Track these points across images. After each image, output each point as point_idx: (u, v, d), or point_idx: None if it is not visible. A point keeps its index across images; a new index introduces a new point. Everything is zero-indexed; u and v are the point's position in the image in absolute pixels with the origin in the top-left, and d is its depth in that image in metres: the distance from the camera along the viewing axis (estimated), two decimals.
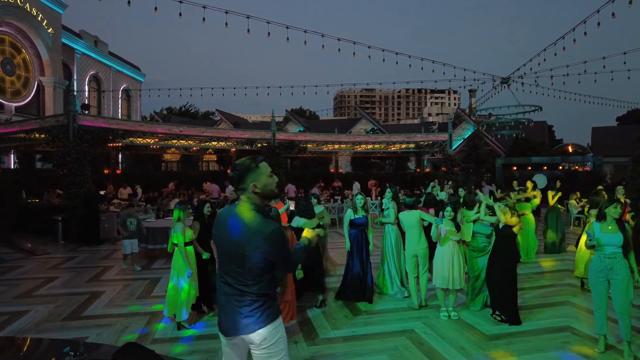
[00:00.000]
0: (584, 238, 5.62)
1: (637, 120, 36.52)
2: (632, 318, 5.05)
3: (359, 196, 6.19)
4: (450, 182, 13.71)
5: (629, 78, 15.30)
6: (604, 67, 15.32)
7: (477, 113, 26.16)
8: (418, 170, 23.50)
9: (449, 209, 5.46)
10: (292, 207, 6.26)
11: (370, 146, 19.65)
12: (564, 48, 13.49)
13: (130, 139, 14.20)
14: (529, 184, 9.33)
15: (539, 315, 5.48)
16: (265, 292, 2.28)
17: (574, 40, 12.49)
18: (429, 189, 11.14)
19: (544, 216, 9.78)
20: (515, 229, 5.33)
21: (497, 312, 5.25)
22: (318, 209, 7.33)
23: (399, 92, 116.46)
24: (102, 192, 16.70)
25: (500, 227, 5.39)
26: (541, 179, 15.19)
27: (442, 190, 11.63)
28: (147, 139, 14.88)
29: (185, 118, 43.34)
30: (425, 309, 5.68)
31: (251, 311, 2.24)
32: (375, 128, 31.00)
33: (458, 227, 5.42)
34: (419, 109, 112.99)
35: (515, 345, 4.54)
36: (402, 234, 6.33)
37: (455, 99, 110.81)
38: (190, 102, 53.16)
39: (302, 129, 30.37)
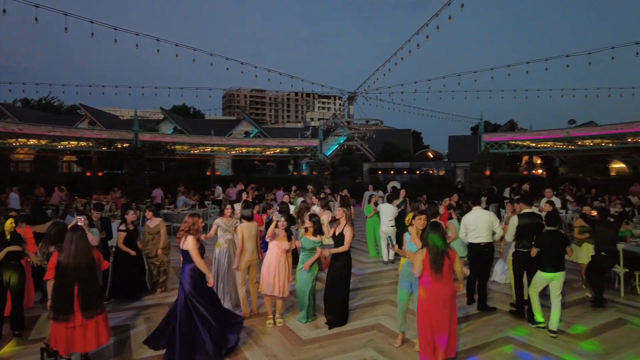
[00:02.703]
0: None
1: (486, 130, 42.27)
2: None
3: None
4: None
5: (453, 98, 21.25)
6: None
7: (354, 122, 27.72)
8: (295, 173, 24.11)
9: (280, 216, 5.66)
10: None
11: (245, 149, 19.57)
12: (399, 61, 15.55)
13: None
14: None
15: (361, 315, 5.95)
16: None
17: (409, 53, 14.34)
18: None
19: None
20: (347, 236, 5.70)
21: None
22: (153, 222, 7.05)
23: (289, 94, 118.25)
24: None
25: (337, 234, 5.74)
26: (397, 185, 16.70)
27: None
28: None
29: (45, 112, 38.15)
30: (255, 318, 5.80)
31: None
32: (256, 131, 30.95)
33: (290, 237, 5.65)
34: (307, 112, 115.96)
35: (324, 348, 4.85)
36: None
37: (339, 104, 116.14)
38: (54, 94, 47.05)
39: (175, 129, 28.99)
